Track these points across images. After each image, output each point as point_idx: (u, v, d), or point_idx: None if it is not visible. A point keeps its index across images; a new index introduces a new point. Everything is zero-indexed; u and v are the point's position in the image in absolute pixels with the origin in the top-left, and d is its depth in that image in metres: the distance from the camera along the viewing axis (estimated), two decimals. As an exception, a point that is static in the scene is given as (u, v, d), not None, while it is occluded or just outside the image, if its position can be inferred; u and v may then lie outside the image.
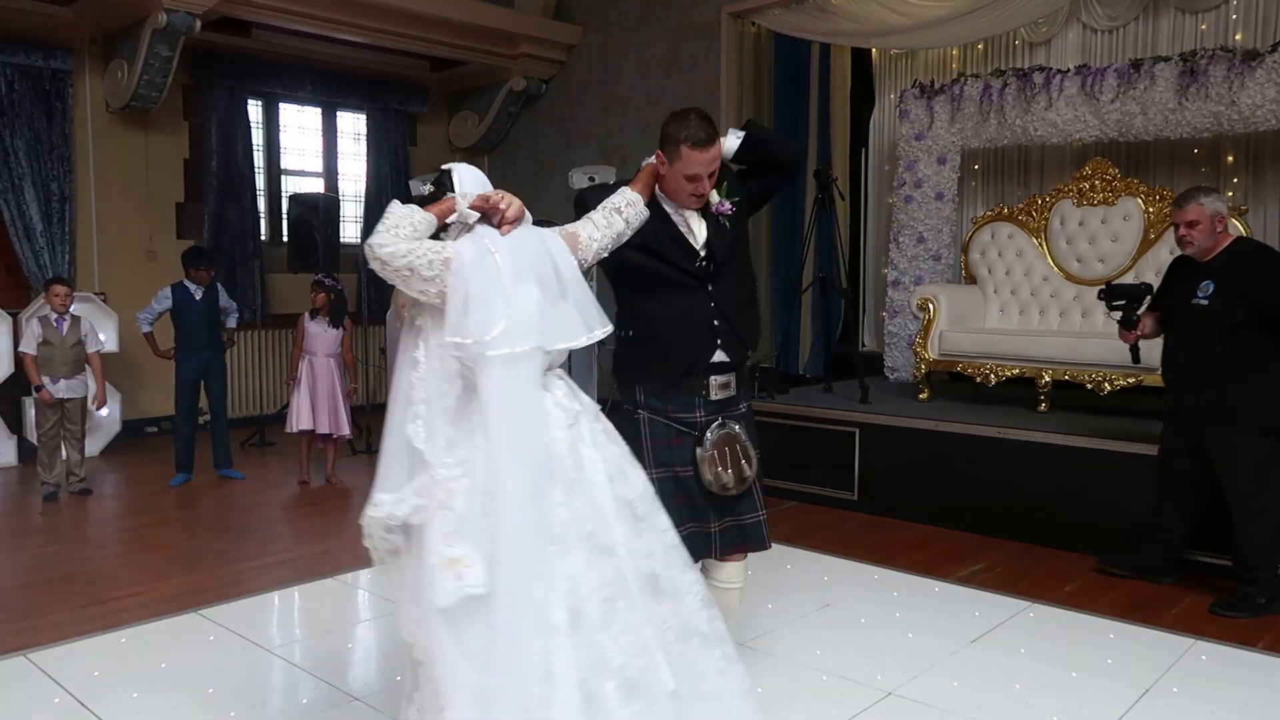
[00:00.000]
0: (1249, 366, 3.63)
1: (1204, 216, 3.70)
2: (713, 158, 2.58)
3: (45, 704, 2.97)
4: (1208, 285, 3.70)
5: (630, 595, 2.13)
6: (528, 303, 2.15)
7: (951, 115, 6.22)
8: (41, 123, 7.16)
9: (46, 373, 5.69)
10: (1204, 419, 3.76)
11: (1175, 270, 3.99)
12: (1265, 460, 3.66)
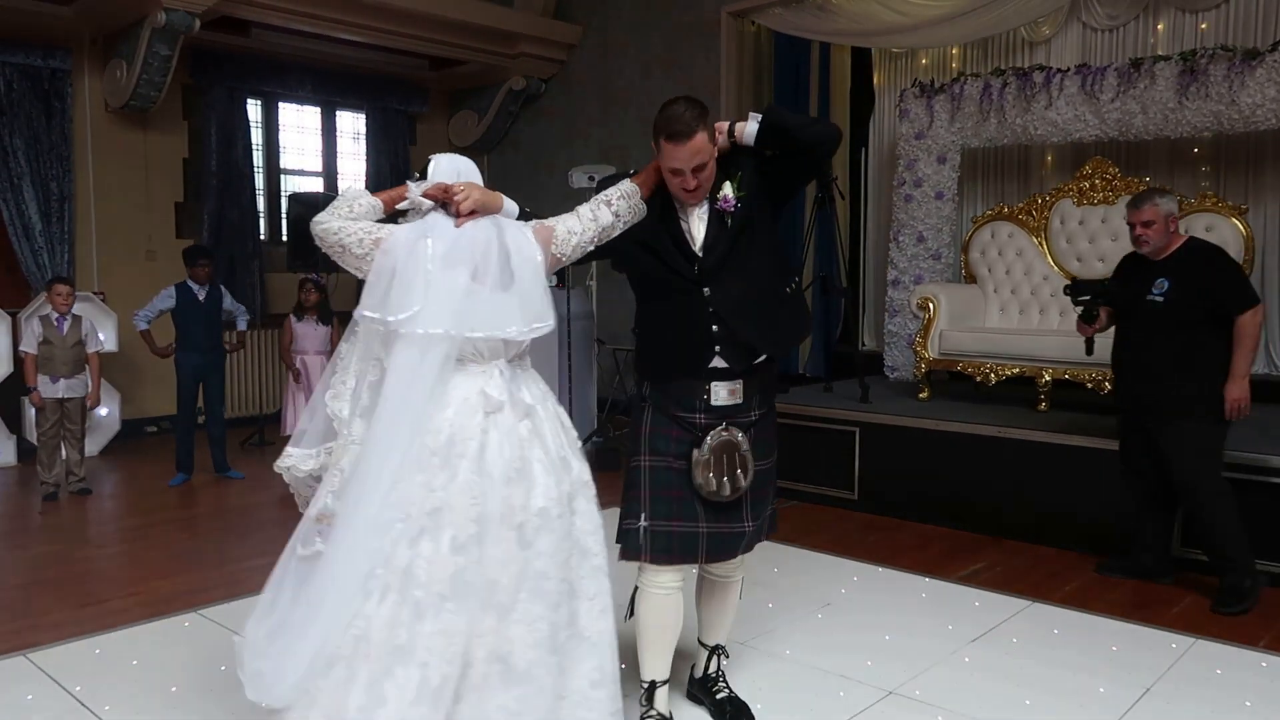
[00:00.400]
0: (1198, 360, 3.78)
1: (1159, 217, 3.83)
2: (693, 151, 2.38)
3: (45, 704, 2.96)
4: (1163, 282, 3.83)
5: (467, 593, 2.14)
6: (451, 289, 2.18)
7: (951, 114, 6.22)
8: (41, 122, 7.15)
9: (47, 372, 5.69)
10: (1153, 410, 3.89)
11: (1127, 268, 4.10)
12: (1208, 447, 3.82)
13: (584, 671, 2.30)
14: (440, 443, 2.18)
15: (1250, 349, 3.77)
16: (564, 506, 2.28)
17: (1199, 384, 3.78)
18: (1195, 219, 5.46)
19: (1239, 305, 3.73)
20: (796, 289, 2.70)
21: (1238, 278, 3.85)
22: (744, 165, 2.53)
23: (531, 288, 2.27)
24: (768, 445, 2.72)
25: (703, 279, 2.52)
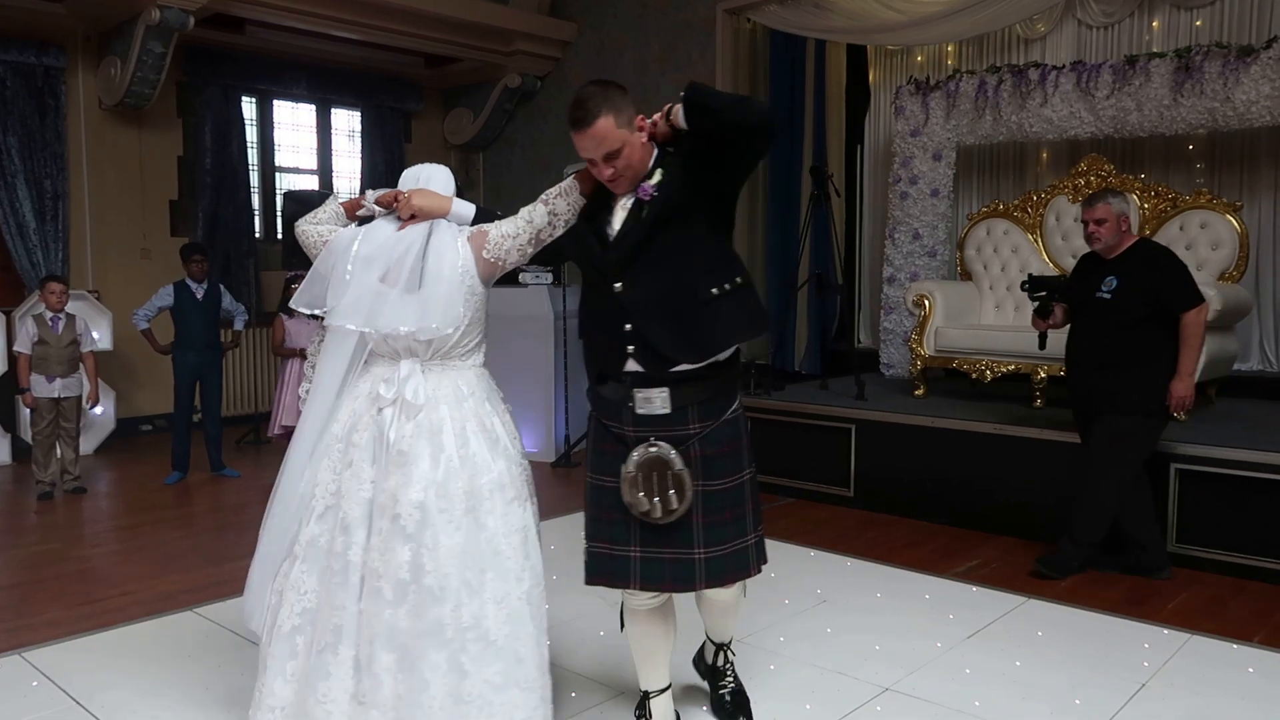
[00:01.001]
0: (1144, 356, 3.92)
1: (1111, 216, 3.96)
2: (597, 139, 2.24)
3: (41, 702, 2.96)
4: (1111, 280, 3.96)
5: (334, 580, 2.38)
6: (362, 289, 2.37)
7: (947, 111, 6.22)
8: (34, 120, 7.13)
9: (42, 371, 5.68)
10: (1098, 401, 4.02)
11: (1083, 265, 4.23)
12: (1130, 437, 3.96)
13: (487, 675, 2.30)
14: (344, 431, 2.45)
15: (1196, 347, 3.90)
16: (457, 504, 2.33)
17: (1142, 379, 3.91)
18: (1190, 216, 5.48)
19: (1183, 304, 3.86)
20: (735, 289, 2.32)
21: (1183, 277, 3.94)
22: (680, 151, 2.34)
23: (440, 291, 2.34)
24: (726, 464, 2.38)
25: (612, 272, 2.32)
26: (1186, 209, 5.50)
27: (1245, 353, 5.67)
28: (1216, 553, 4.22)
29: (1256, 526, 4.14)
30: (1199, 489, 4.28)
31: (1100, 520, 4.04)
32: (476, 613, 2.31)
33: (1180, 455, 4.32)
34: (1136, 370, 3.92)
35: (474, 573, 2.33)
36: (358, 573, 2.37)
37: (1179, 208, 5.53)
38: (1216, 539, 4.23)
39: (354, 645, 2.35)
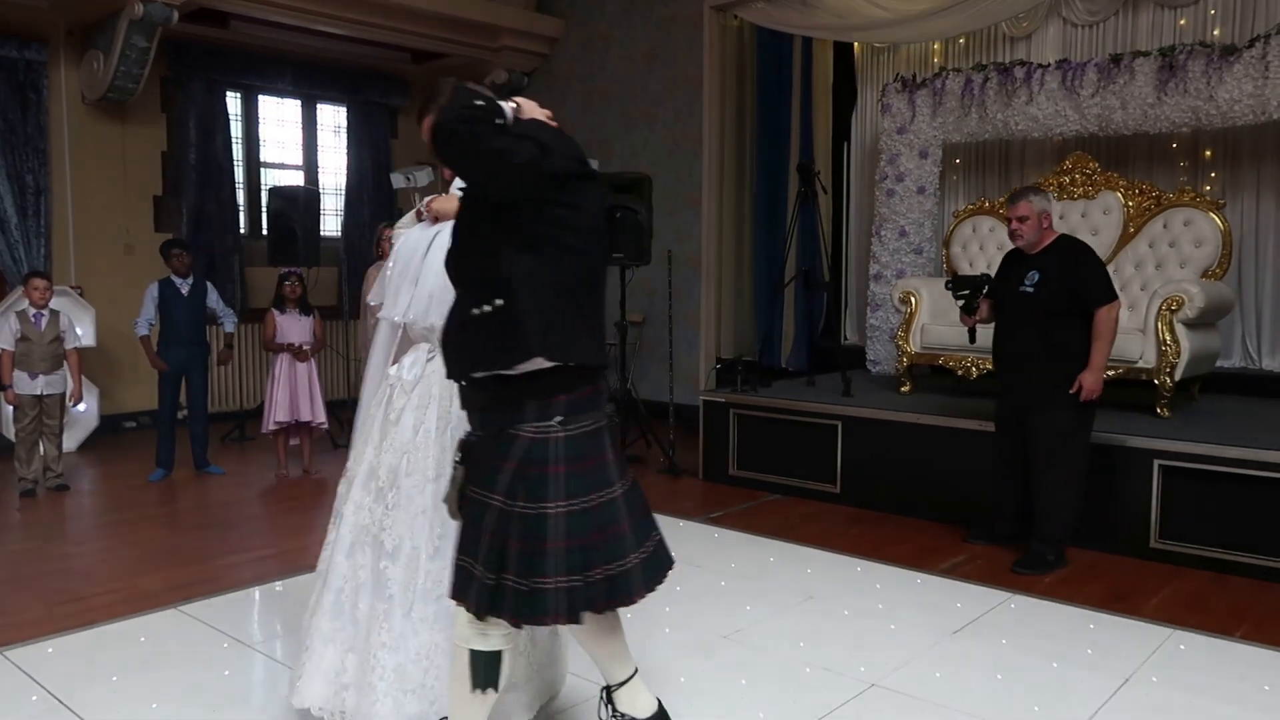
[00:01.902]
0: (1065, 347, 4.06)
1: (1032, 213, 4.12)
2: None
3: (23, 702, 2.93)
4: (1033, 275, 4.12)
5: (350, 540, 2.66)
6: (390, 282, 2.72)
7: (933, 109, 6.24)
8: (16, 114, 7.07)
9: (25, 368, 5.63)
10: (1026, 394, 4.18)
11: (1007, 261, 4.39)
12: (1069, 430, 4.11)
13: (383, 637, 2.54)
14: (381, 410, 2.70)
15: (1107, 341, 4.04)
16: (426, 471, 2.57)
17: (1063, 370, 4.05)
18: (1173, 214, 5.51)
19: (1097, 300, 4.01)
20: (496, 312, 2.10)
21: (1099, 274, 4.08)
22: None
23: (429, 285, 2.60)
24: (481, 476, 2.18)
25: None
26: (1170, 207, 5.53)
27: (1227, 350, 5.71)
28: (1199, 548, 4.25)
29: (1238, 522, 4.17)
30: (1181, 485, 4.31)
31: (1063, 513, 4.17)
32: (438, 575, 2.50)
33: (1163, 452, 4.35)
34: (1063, 363, 4.06)
35: (434, 537, 2.54)
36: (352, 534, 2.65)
37: (1162, 205, 5.56)
38: (1199, 535, 4.26)
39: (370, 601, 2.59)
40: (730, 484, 5.86)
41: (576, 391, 2.16)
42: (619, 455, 2.29)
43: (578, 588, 2.11)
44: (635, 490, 2.30)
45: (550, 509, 2.11)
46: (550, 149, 2.09)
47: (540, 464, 2.13)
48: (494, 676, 2.22)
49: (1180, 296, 4.88)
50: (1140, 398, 5.10)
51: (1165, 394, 4.88)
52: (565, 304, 2.13)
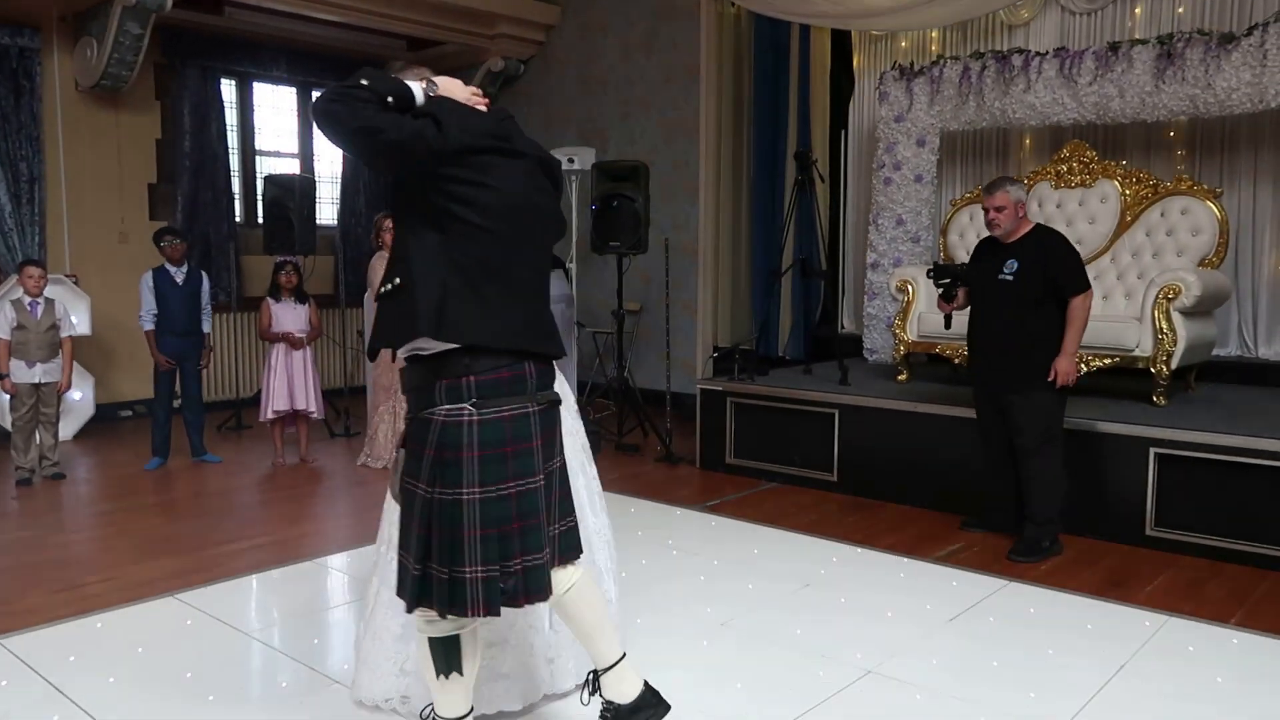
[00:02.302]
0: (1042, 333, 4.14)
1: (1009, 203, 4.19)
2: None
3: (20, 690, 2.93)
4: (1012, 263, 4.19)
5: None
6: None
7: (931, 97, 6.22)
8: (9, 101, 7.03)
9: (21, 356, 5.61)
10: (1001, 378, 4.25)
11: (981, 250, 4.46)
12: (1050, 412, 4.19)
13: None
14: None
15: (1079, 329, 4.12)
16: None
17: (1041, 356, 4.13)
18: (1170, 202, 5.51)
19: (1072, 289, 4.09)
20: (395, 290, 2.15)
21: (1075, 264, 4.15)
22: None
23: None
24: (409, 463, 2.19)
25: None
26: (1167, 195, 5.53)
27: (1224, 338, 5.72)
28: (1194, 536, 4.27)
29: (1233, 510, 4.18)
30: (1177, 473, 4.32)
31: (1053, 495, 4.23)
32: None
33: (1159, 440, 4.36)
34: (1040, 347, 4.14)
35: None
36: None
37: (1160, 194, 5.56)
38: (1194, 522, 4.28)
39: None
40: (727, 472, 5.87)
41: (490, 374, 2.13)
42: (550, 443, 2.26)
43: (494, 578, 2.11)
44: (557, 477, 2.29)
45: (465, 495, 2.10)
46: (445, 125, 2.09)
47: (455, 449, 2.11)
48: (455, 661, 2.24)
49: (1177, 285, 4.88)
50: (1136, 386, 5.11)
51: (1161, 382, 4.88)
52: (464, 284, 2.11)
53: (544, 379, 2.25)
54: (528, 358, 2.20)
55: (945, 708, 2.80)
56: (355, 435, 7.02)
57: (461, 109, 2.20)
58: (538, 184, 2.29)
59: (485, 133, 2.17)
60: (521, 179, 2.22)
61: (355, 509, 5.22)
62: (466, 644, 2.27)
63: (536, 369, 2.22)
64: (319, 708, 2.82)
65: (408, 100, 2.14)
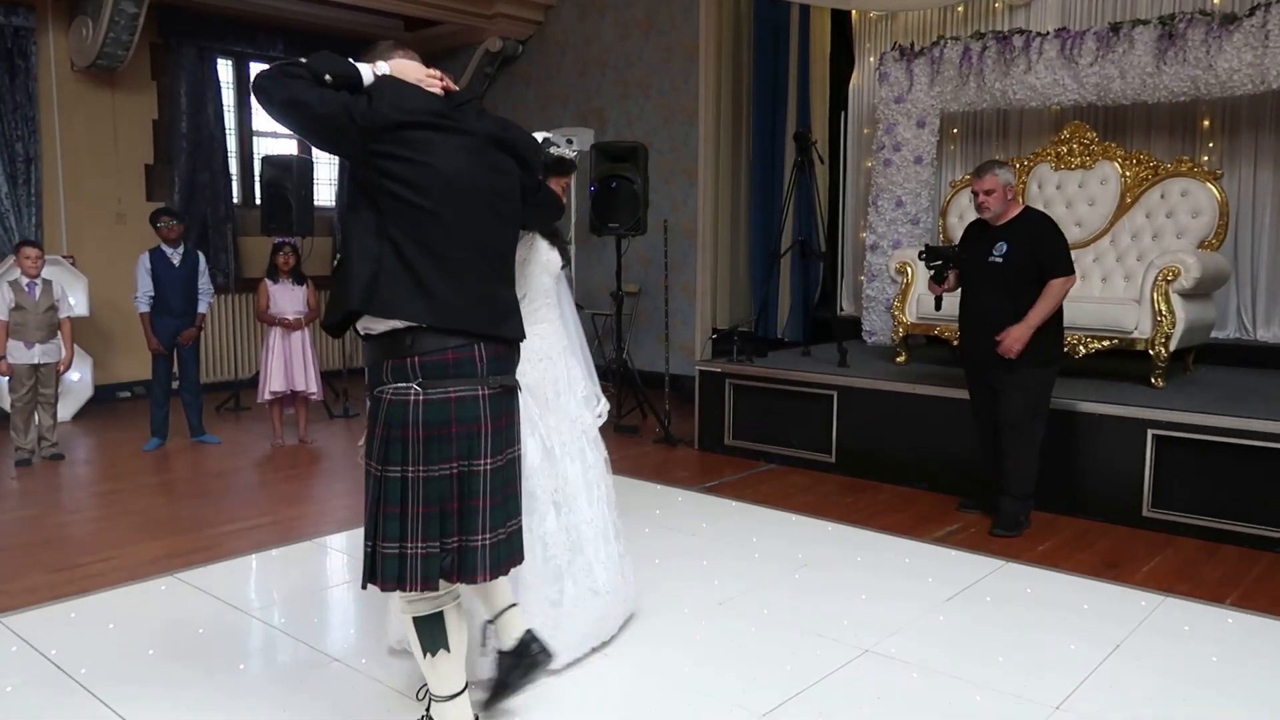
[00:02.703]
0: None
1: (998, 186, 4.22)
2: None
3: (21, 667, 2.95)
4: (1002, 245, 4.22)
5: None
6: None
7: (931, 78, 6.20)
8: (4, 81, 6.99)
9: (20, 337, 5.60)
10: (993, 359, 4.24)
11: (971, 232, 4.48)
12: (1038, 391, 4.25)
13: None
14: None
15: (1048, 306, 4.14)
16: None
17: (1035, 335, 4.14)
18: (1170, 184, 5.49)
19: (1055, 271, 4.14)
20: (335, 266, 2.23)
21: (1061, 248, 4.19)
22: None
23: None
24: (367, 443, 2.24)
25: None
26: (1167, 177, 5.52)
27: (1223, 321, 5.72)
28: (1191, 517, 4.28)
29: (1230, 491, 4.20)
30: (1175, 455, 4.33)
31: (1029, 471, 4.31)
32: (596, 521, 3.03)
33: (1157, 422, 4.37)
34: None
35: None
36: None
37: (1160, 175, 5.55)
38: (1191, 504, 4.29)
39: None
40: (726, 454, 5.88)
41: (435, 356, 2.13)
42: (507, 429, 2.26)
43: (433, 554, 2.14)
44: (508, 470, 2.28)
45: (410, 473, 2.13)
46: (375, 101, 2.11)
47: (400, 427, 2.13)
48: (440, 638, 2.26)
49: (1176, 267, 4.87)
50: (1134, 368, 5.12)
51: (1160, 364, 4.89)
52: (399, 261, 2.12)
53: (498, 363, 2.23)
54: (478, 339, 2.18)
55: (942, 686, 2.82)
56: (354, 416, 7.02)
57: (401, 87, 2.19)
58: (491, 162, 2.26)
59: (422, 110, 2.16)
60: (464, 156, 2.19)
61: (354, 489, 5.22)
62: (450, 619, 2.28)
63: (488, 352, 2.20)
64: (319, 684, 2.83)
65: (352, 79, 2.15)
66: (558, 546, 2.91)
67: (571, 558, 2.94)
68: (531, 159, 2.40)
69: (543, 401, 2.94)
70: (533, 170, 2.41)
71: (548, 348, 2.97)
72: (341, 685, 2.82)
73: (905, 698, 2.75)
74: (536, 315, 2.91)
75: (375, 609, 3.23)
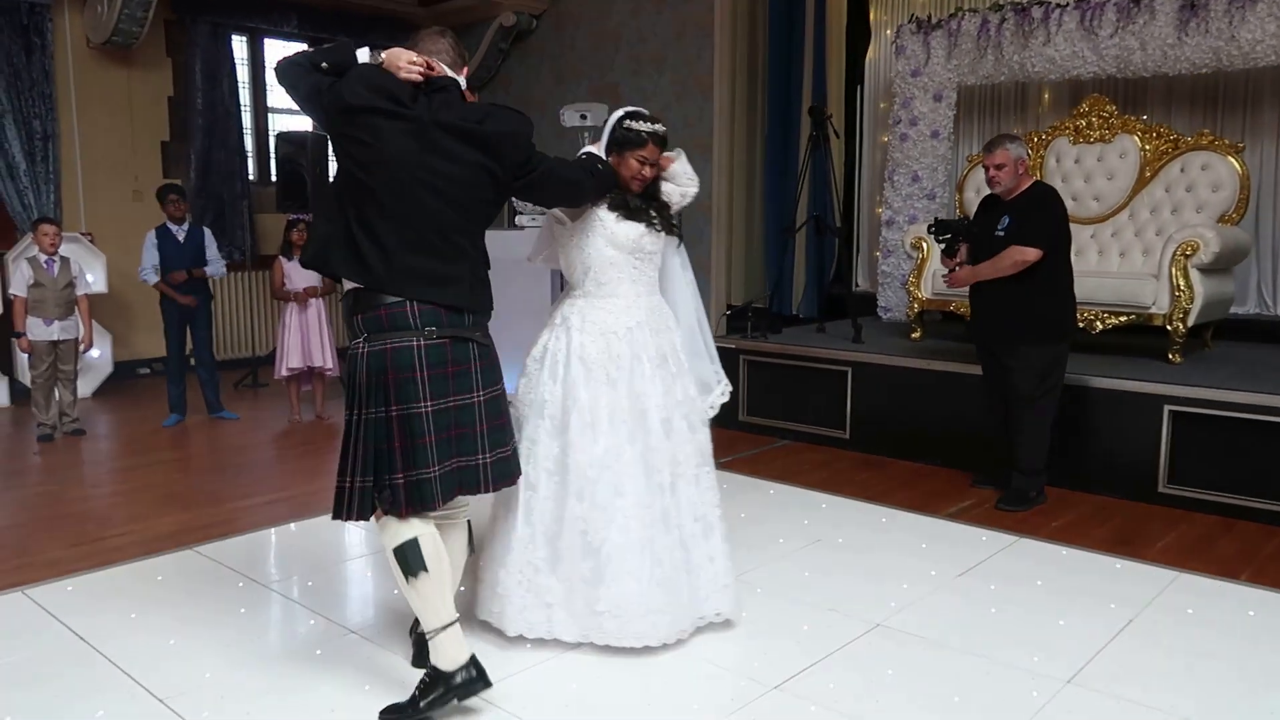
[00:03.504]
0: (1037, 289, 4.14)
1: (1009, 160, 4.19)
2: None
3: (44, 638, 3.00)
4: (1005, 219, 4.20)
5: None
6: None
7: (948, 51, 6.13)
8: (21, 58, 7.01)
9: (39, 314, 5.66)
10: (1001, 335, 4.26)
11: (984, 206, 4.46)
12: (1044, 367, 4.21)
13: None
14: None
15: (995, 268, 4.15)
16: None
17: (1034, 309, 4.15)
18: (1191, 157, 5.43)
19: (1025, 239, 4.08)
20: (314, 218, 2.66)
21: (1047, 221, 4.13)
22: None
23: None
24: None
25: None
26: (1188, 150, 5.45)
27: (1242, 296, 5.66)
28: (1207, 493, 4.26)
29: (1247, 467, 4.17)
30: (1192, 430, 4.31)
31: (1040, 446, 4.30)
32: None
33: (1174, 397, 4.35)
34: (1036, 301, 4.14)
35: None
36: None
37: (1180, 149, 5.48)
38: (1207, 480, 4.27)
39: None
40: (740, 429, 5.88)
41: (371, 313, 2.42)
42: (456, 376, 2.47)
43: (368, 488, 2.42)
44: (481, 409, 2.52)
45: (355, 416, 2.44)
46: (337, 85, 2.40)
47: (353, 375, 2.45)
48: (417, 560, 2.45)
49: (1195, 241, 4.83)
50: (1152, 344, 5.08)
51: (1178, 340, 4.85)
52: (344, 230, 2.43)
53: (435, 317, 2.44)
54: (410, 299, 2.42)
55: (953, 661, 2.83)
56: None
57: (369, 73, 2.44)
58: (443, 148, 2.43)
59: (378, 96, 2.39)
60: (410, 141, 2.40)
61: (370, 465, 5.27)
62: (426, 545, 2.45)
63: (421, 309, 2.43)
64: (335, 656, 2.87)
65: (347, 68, 2.45)
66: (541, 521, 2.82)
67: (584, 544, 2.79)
68: (506, 149, 2.51)
69: (600, 378, 2.84)
70: (505, 159, 2.52)
71: (612, 322, 2.87)
72: (359, 657, 2.86)
73: (917, 672, 2.76)
74: (602, 289, 2.89)
75: (393, 582, 3.26)
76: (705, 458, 3.00)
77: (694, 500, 2.93)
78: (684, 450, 2.91)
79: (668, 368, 2.92)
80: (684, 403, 2.95)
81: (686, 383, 2.98)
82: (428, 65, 2.48)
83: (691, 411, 2.97)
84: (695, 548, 2.91)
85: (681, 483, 2.90)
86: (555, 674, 2.73)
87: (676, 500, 2.89)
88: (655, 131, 2.93)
